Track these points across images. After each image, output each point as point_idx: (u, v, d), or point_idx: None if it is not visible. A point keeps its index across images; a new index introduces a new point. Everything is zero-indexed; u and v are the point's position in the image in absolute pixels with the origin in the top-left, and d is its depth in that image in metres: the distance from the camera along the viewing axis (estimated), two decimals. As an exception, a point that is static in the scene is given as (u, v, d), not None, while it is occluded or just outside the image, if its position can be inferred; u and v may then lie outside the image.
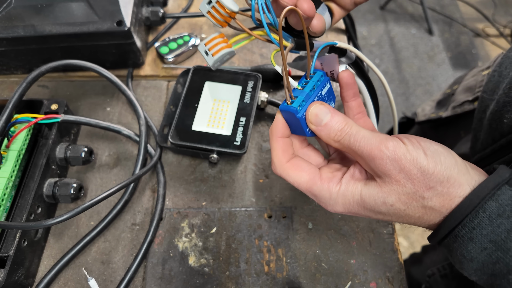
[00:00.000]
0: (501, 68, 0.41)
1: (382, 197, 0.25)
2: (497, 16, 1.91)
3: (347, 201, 0.26)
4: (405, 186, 0.24)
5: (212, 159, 0.41)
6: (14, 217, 0.35)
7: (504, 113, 0.37)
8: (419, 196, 0.24)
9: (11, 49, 0.45)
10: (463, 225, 0.24)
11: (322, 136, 0.27)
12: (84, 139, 0.45)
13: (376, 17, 1.94)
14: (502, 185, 0.23)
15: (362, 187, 0.26)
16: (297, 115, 0.26)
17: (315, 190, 0.27)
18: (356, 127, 0.26)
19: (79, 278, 0.36)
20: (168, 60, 0.50)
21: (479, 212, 0.23)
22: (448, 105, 0.54)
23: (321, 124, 0.26)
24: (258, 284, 0.37)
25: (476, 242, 0.23)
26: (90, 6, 0.45)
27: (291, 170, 0.28)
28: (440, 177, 0.24)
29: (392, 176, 0.24)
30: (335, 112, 0.27)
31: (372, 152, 0.25)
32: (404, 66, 1.77)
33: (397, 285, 0.37)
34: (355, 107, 0.30)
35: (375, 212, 0.26)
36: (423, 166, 0.24)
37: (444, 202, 0.24)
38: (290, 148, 0.29)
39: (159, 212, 0.39)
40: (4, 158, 0.37)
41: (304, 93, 0.27)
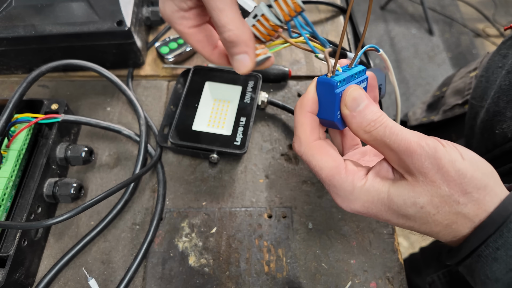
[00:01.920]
0: (488, 73, 0.41)
1: (413, 197, 0.23)
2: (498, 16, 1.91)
3: (370, 198, 0.24)
4: (440, 188, 0.23)
5: (212, 159, 0.41)
6: (14, 217, 0.35)
7: (495, 123, 0.36)
8: (453, 200, 0.23)
9: (12, 49, 0.45)
10: (487, 245, 0.23)
11: (353, 124, 0.24)
12: (84, 139, 0.45)
13: (376, 17, 1.94)
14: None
15: (390, 185, 0.24)
16: (335, 89, 0.24)
17: (337, 180, 0.25)
18: (392, 121, 0.24)
19: (79, 278, 0.36)
20: (168, 60, 0.50)
21: (503, 232, 0.22)
22: (439, 108, 0.54)
23: (356, 110, 0.24)
24: (258, 284, 0.37)
25: (501, 262, 0.22)
26: (90, 6, 0.45)
27: (317, 152, 0.25)
28: (478, 183, 0.22)
29: (429, 175, 0.23)
30: (372, 102, 0.25)
31: (411, 147, 0.23)
32: (405, 66, 1.77)
33: (397, 285, 0.37)
34: None
35: (399, 215, 0.24)
36: (462, 169, 0.22)
37: (478, 211, 0.23)
38: (318, 127, 0.27)
39: (159, 212, 0.39)
40: (4, 158, 0.37)
41: (346, 74, 0.25)
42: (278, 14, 0.25)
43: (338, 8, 0.57)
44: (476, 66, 0.50)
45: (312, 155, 0.25)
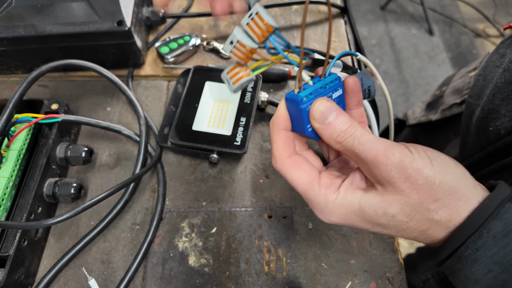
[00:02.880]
0: (485, 72, 0.41)
1: (383, 207, 0.23)
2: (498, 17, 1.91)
3: (344, 211, 0.25)
4: (409, 197, 0.23)
5: (212, 159, 0.41)
6: (14, 217, 0.35)
7: (490, 120, 0.36)
8: (424, 208, 0.23)
9: (12, 48, 0.45)
10: (467, 246, 0.22)
11: (324, 136, 0.25)
12: (84, 139, 0.45)
13: (376, 17, 1.94)
14: (505, 202, 0.22)
15: (362, 196, 0.24)
16: (300, 105, 0.25)
17: (311, 194, 0.26)
18: (361, 130, 0.24)
19: (79, 278, 0.36)
20: (168, 60, 0.50)
21: (483, 233, 0.22)
22: (437, 107, 0.54)
23: (325, 122, 0.25)
24: (258, 284, 0.37)
25: (480, 263, 0.22)
26: (90, 6, 0.45)
27: (291, 168, 0.26)
28: (448, 189, 0.22)
29: (396, 185, 0.23)
30: (341, 112, 0.25)
31: (377, 158, 0.23)
32: (405, 67, 1.77)
33: (397, 286, 0.37)
34: (358, 116, 0.29)
35: (374, 224, 0.25)
36: (430, 176, 0.22)
37: (451, 216, 0.23)
38: (292, 143, 0.27)
39: (159, 212, 0.39)
40: (5, 158, 0.37)
41: (314, 87, 0.26)
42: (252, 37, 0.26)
43: (338, 8, 0.57)
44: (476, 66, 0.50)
45: (287, 171, 0.26)
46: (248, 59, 0.27)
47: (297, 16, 0.57)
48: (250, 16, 0.25)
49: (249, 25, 0.25)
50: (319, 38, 0.55)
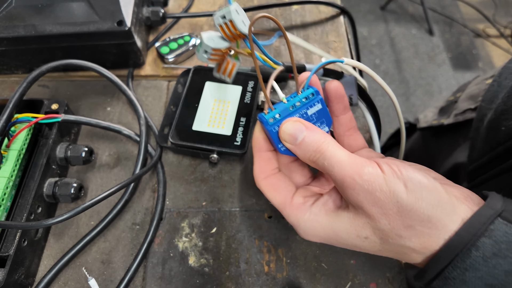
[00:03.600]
0: (500, 78, 0.41)
1: (356, 231, 0.23)
2: (498, 17, 1.91)
3: (317, 232, 0.24)
4: (379, 222, 0.22)
5: (212, 159, 0.41)
6: (14, 217, 0.35)
7: (502, 121, 0.36)
8: (395, 234, 0.22)
9: (12, 48, 0.45)
10: (454, 266, 0.21)
11: (298, 155, 0.25)
12: (85, 139, 0.45)
13: (376, 17, 1.94)
14: (494, 218, 0.21)
15: (334, 219, 0.24)
16: (266, 127, 0.25)
17: (285, 214, 0.26)
18: (332, 149, 0.23)
19: (79, 278, 0.36)
20: (168, 60, 0.50)
21: (471, 251, 0.20)
22: (450, 112, 0.54)
23: (296, 143, 0.24)
24: (258, 284, 0.37)
25: (470, 285, 0.21)
26: (90, 6, 0.45)
27: (266, 189, 0.27)
28: (421, 216, 0.21)
29: (365, 209, 0.22)
30: (312, 130, 0.24)
31: (345, 181, 0.22)
32: (405, 67, 1.77)
33: (397, 286, 0.37)
34: (346, 122, 0.28)
35: (350, 245, 0.24)
36: (401, 201, 0.21)
37: (426, 244, 0.22)
38: (270, 163, 0.27)
39: (159, 212, 0.39)
40: (5, 158, 0.37)
41: (284, 106, 0.25)
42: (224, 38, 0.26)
43: (338, 8, 0.57)
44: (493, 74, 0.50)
45: (264, 191, 0.27)
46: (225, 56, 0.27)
47: (297, 16, 0.57)
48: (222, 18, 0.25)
49: (221, 27, 0.25)
50: (319, 38, 0.55)
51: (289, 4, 0.57)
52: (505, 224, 0.20)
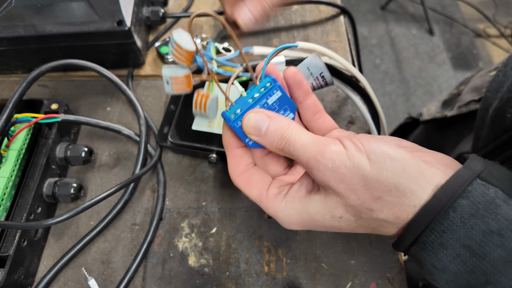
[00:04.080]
0: (506, 68, 0.41)
1: (329, 211, 0.23)
2: (498, 17, 1.91)
3: (295, 219, 0.24)
4: (348, 198, 0.21)
5: (212, 159, 0.41)
6: (14, 217, 0.35)
7: (508, 108, 0.36)
8: (366, 208, 0.21)
9: (12, 48, 0.45)
10: (431, 229, 0.20)
11: (266, 146, 0.25)
12: (84, 139, 0.45)
13: (376, 17, 1.94)
14: (473, 179, 0.20)
15: (308, 203, 0.24)
16: (228, 123, 0.25)
17: (262, 207, 0.26)
18: (296, 133, 0.23)
19: (79, 278, 0.36)
20: (168, 60, 0.50)
21: (449, 212, 0.20)
22: (453, 105, 0.54)
23: (260, 134, 0.24)
24: (258, 284, 0.37)
25: (447, 248, 0.20)
26: (90, 5, 0.45)
27: (242, 185, 0.27)
28: (387, 185, 0.21)
29: (333, 187, 0.22)
30: (275, 118, 0.24)
31: (309, 162, 0.22)
32: (405, 67, 1.77)
33: (398, 286, 0.37)
34: (311, 106, 0.28)
35: (328, 227, 0.24)
36: (366, 174, 0.21)
37: (397, 213, 0.21)
38: (243, 159, 0.27)
39: (159, 212, 0.39)
40: (4, 158, 0.37)
41: (243, 100, 0.25)
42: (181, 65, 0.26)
43: (338, 8, 0.57)
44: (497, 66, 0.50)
45: (240, 187, 0.27)
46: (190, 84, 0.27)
47: (297, 16, 0.57)
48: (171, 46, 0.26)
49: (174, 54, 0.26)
50: (319, 38, 0.55)
51: (289, 4, 0.57)
52: (483, 185, 0.20)
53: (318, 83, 0.29)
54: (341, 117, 0.47)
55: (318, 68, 0.28)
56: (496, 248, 0.19)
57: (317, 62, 0.27)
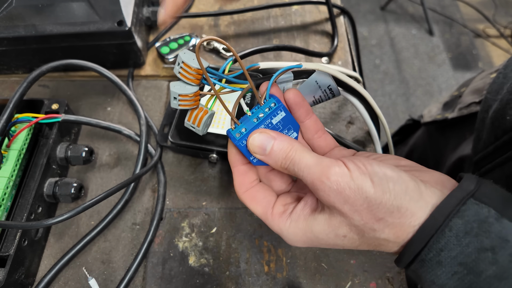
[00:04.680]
0: (506, 70, 0.41)
1: (333, 230, 0.24)
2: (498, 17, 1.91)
3: (300, 238, 0.25)
4: (352, 218, 0.22)
5: (212, 159, 0.41)
6: (15, 217, 0.35)
7: (508, 109, 0.36)
8: (369, 228, 0.22)
9: (12, 48, 0.45)
10: (429, 247, 0.21)
11: (271, 165, 0.26)
12: (85, 139, 0.45)
13: (376, 17, 1.94)
14: (467, 199, 0.21)
15: (313, 222, 0.24)
16: (234, 141, 0.26)
17: (268, 224, 0.26)
18: (300, 153, 0.24)
19: (79, 278, 0.36)
20: (168, 60, 0.50)
21: (445, 231, 0.21)
22: (454, 106, 0.54)
23: (265, 153, 0.25)
24: (258, 284, 0.37)
25: (445, 266, 0.21)
26: (91, 6, 0.45)
27: (247, 202, 0.27)
28: (389, 207, 0.22)
29: (338, 208, 0.23)
30: (279, 138, 0.25)
31: (314, 183, 0.23)
32: (405, 67, 1.77)
33: (397, 286, 0.37)
34: (312, 125, 0.29)
35: (332, 245, 0.25)
36: (369, 196, 0.22)
37: (398, 233, 0.22)
38: (247, 176, 0.28)
39: (159, 212, 0.39)
40: (5, 158, 0.37)
41: (247, 120, 0.26)
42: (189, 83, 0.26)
43: (338, 8, 0.57)
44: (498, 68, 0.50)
45: (246, 204, 0.28)
46: (197, 102, 0.28)
47: (297, 16, 0.57)
48: (178, 65, 0.26)
49: (181, 73, 0.26)
50: (319, 38, 0.55)
51: (289, 5, 0.57)
52: (477, 204, 0.21)
53: (325, 95, 0.30)
54: (341, 117, 0.47)
55: (326, 81, 0.29)
56: (490, 266, 0.20)
57: (324, 75, 0.29)
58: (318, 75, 0.29)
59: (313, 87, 0.29)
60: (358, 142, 0.45)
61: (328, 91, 0.30)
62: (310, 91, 0.30)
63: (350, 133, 0.46)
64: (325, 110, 0.48)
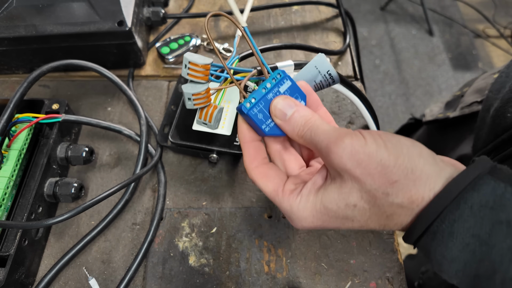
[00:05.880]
0: (508, 70, 0.41)
1: (344, 199, 0.23)
2: (498, 17, 1.91)
3: (310, 213, 0.25)
4: (365, 183, 0.22)
5: (212, 159, 0.42)
6: (15, 216, 0.35)
7: (508, 107, 0.37)
8: (382, 192, 0.22)
9: (13, 48, 0.45)
10: (443, 218, 0.21)
11: (287, 131, 0.26)
12: (85, 139, 0.45)
13: (376, 17, 1.94)
14: (484, 175, 0.21)
15: (323, 193, 0.24)
16: (245, 111, 0.26)
17: (277, 202, 0.26)
18: (319, 122, 0.25)
19: (80, 278, 0.37)
20: (169, 60, 0.50)
21: (460, 203, 0.21)
22: (456, 106, 0.54)
23: (285, 119, 0.25)
24: (258, 284, 0.37)
25: (457, 237, 0.21)
26: (91, 6, 0.45)
27: (258, 178, 0.27)
28: (404, 169, 0.21)
29: (350, 171, 0.22)
30: (301, 107, 0.26)
31: (329, 146, 0.23)
32: (405, 67, 1.77)
33: (397, 286, 0.37)
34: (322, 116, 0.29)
35: (341, 219, 0.24)
36: (384, 159, 0.22)
37: (413, 198, 0.22)
38: (259, 153, 0.28)
39: (160, 212, 0.40)
40: (5, 158, 0.37)
41: (255, 91, 0.26)
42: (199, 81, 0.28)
43: (338, 8, 0.57)
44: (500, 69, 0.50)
45: (255, 180, 0.27)
46: (210, 98, 0.29)
47: (297, 16, 0.58)
48: (186, 67, 0.27)
49: (189, 74, 0.28)
50: (319, 38, 0.55)
51: (290, 5, 0.57)
52: (493, 180, 0.21)
53: (326, 80, 0.31)
54: (341, 117, 0.47)
55: (325, 66, 0.29)
56: (504, 238, 0.20)
57: (323, 60, 0.29)
58: (317, 59, 0.29)
59: (314, 73, 0.30)
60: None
61: (328, 76, 0.30)
62: (311, 76, 0.30)
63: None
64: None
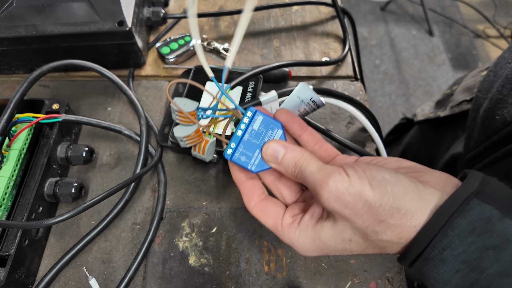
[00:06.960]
0: (496, 68, 0.41)
1: (339, 235, 0.24)
2: (498, 17, 1.91)
3: (310, 246, 0.26)
4: (355, 222, 0.23)
5: (212, 159, 0.42)
6: (15, 216, 0.35)
7: (497, 109, 0.37)
8: (371, 231, 0.23)
9: (13, 48, 0.45)
10: (433, 246, 0.22)
11: (283, 172, 0.27)
12: (85, 139, 0.45)
13: (376, 18, 1.95)
14: (470, 199, 0.22)
15: (320, 230, 0.25)
16: (228, 158, 0.27)
17: (279, 236, 0.27)
18: (307, 161, 0.25)
19: (80, 277, 0.37)
20: (169, 60, 0.50)
21: (448, 231, 0.21)
22: (446, 105, 0.54)
23: (277, 162, 0.26)
24: (258, 284, 0.37)
25: (448, 264, 0.22)
26: (91, 6, 0.45)
27: (257, 215, 0.28)
28: (389, 209, 0.22)
29: (339, 212, 0.23)
30: (290, 148, 0.26)
31: (316, 189, 0.24)
32: (405, 67, 1.77)
33: (397, 286, 0.37)
34: (309, 138, 0.30)
35: (341, 250, 0.25)
36: (369, 200, 0.22)
37: (400, 234, 0.23)
38: (256, 190, 0.29)
39: (160, 212, 0.40)
40: (6, 158, 0.37)
41: (233, 135, 0.28)
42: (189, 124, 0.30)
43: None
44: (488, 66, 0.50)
45: (257, 217, 0.29)
46: (201, 136, 0.32)
47: (297, 16, 0.58)
48: (175, 113, 0.29)
49: (179, 119, 0.30)
50: (319, 38, 0.55)
51: (290, 5, 0.57)
52: (479, 204, 0.21)
53: (310, 107, 0.32)
54: (341, 117, 0.47)
55: (307, 94, 0.30)
56: (492, 264, 0.21)
57: (305, 89, 0.30)
58: (299, 90, 0.30)
59: (296, 102, 0.30)
60: (358, 142, 0.45)
61: (311, 103, 0.31)
62: (294, 106, 0.31)
63: (350, 133, 0.46)
64: (325, 111, 0.48)
